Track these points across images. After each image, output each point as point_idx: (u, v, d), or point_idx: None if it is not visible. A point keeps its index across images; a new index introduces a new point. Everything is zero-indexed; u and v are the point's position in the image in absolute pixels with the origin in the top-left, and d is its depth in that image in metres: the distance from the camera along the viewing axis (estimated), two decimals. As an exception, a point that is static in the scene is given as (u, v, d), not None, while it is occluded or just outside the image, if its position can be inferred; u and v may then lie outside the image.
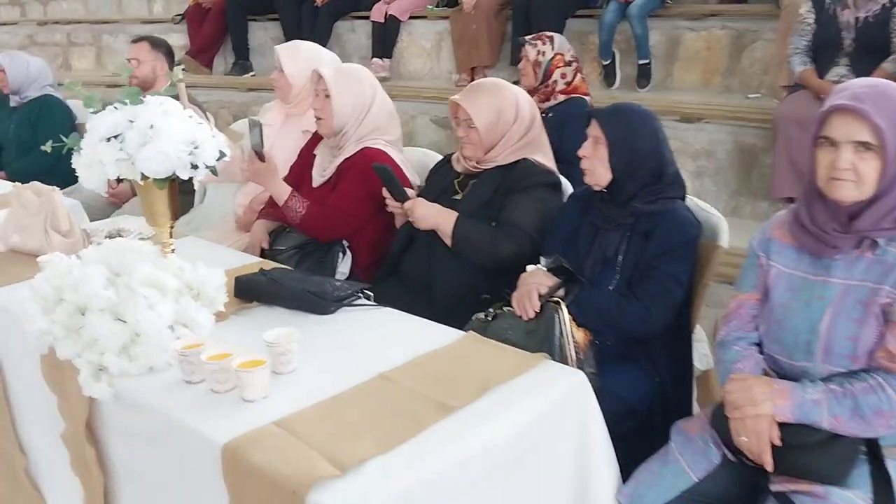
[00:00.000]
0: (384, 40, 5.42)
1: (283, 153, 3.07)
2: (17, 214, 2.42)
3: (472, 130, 2.32)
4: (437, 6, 5.48)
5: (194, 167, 1.73)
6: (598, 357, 1.89)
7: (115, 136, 1.68)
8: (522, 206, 2.25)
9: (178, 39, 6.48)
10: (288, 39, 5.75)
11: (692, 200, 2.09)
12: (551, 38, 3.29)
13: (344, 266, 2.61)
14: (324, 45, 5.68)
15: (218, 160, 1.78)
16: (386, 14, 5.35)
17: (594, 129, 1.96)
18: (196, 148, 1.73)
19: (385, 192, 2.37)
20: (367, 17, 5.56)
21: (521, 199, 2.26)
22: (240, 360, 1.52)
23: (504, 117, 2.33)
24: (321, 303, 1.90)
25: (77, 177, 4.10)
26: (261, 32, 5.99)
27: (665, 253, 1.91)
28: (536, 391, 1.52)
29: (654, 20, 4.35)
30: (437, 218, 2.27)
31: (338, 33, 5.66)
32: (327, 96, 2.60)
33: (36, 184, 2.46)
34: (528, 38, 3.33)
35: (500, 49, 5.03)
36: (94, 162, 1.69)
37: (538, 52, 3.23)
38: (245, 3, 5.86)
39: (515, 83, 4.99)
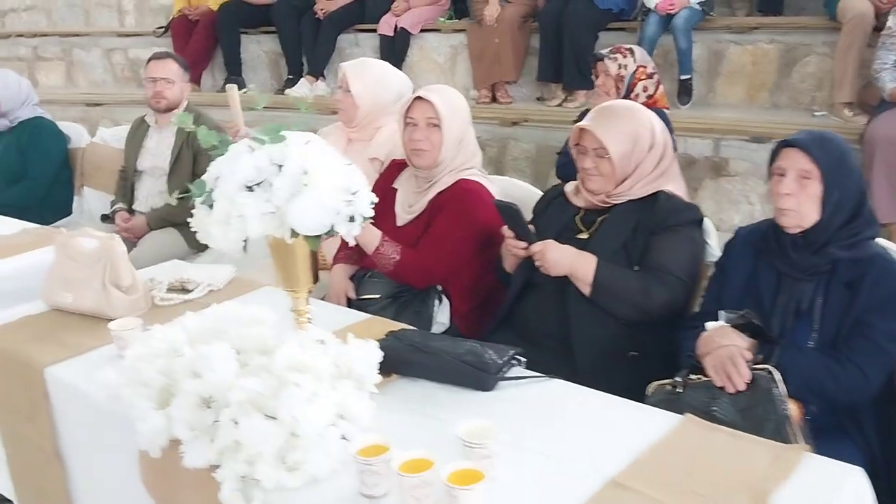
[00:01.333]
0: (393, 55, 5.09)
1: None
2: (66, 267, 2.03)
3: (604, 161, 2.02)
4: (448, 18, 5.18)
5: (351, 219, 1.39)
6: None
7: (258, 184, 1.33)
8: (672, 248, 1.97)
9: (160, 53, 6.04)
10: (287, 54, 5.41)
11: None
12: (631, 51, 3.04)
13: (442, 315, 2.28)
14: (326, 61, 5.37)
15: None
16: (396, 27, 5.03)
17: (798, 161, 1.69)
18: (354, 195, 1.39)
19: (506, 232, 2.06)
20: (373, 31, 5.23)
21: (669, 239, 1.97)
22: (449, 470, 1.19)
23: (640, 145, 2.04)
24: (481, 376, 1.58)
25: (71, 209, 3.65)
26: (253, 46, 5.60)
27: (879, 307, 1.65)
28: (819, 500, 1.23)
29: (695, 33, 4.13)
30: (573, 263, 1.96)
31: (340, 47, 5.32)
32: (435, 125, 2.27)
33: (88, 230, 2.07)
34: (604, 52, 3.07)
35: (523, 63, 4.76)
36: (230, 217, 1.33)
37: (620, 66, 2.97)
38: (238, 15, 5.46)
39: (539, 99, 4.79)
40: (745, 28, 4.14)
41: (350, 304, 2.32)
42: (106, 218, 3.52)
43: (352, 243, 1.42)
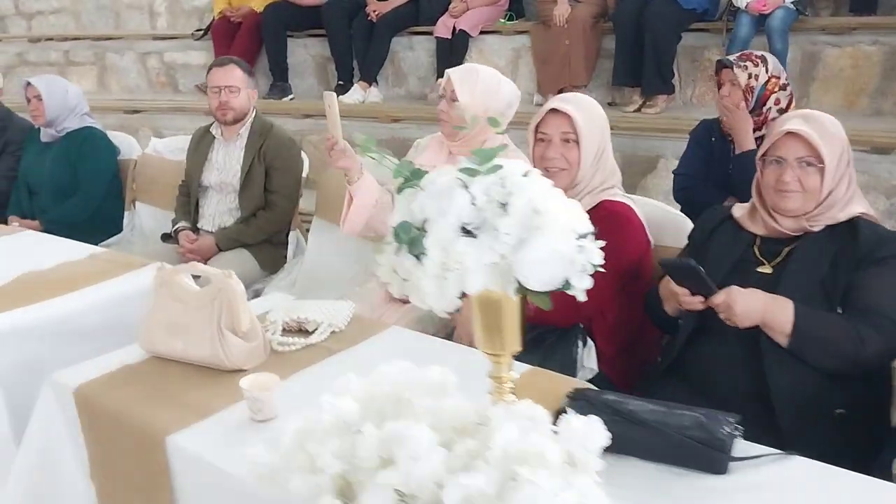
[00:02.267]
0: (450, 58, 4.81)
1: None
2: (170, 309, 1.75)
3: (811, 173, 1.73)
4: (509, 19, 4.90)
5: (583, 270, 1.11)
6: None
7: (478, 228, 1.05)
8: (884, 285, 1.68)
9: (199, 58, 5.78)
10: (337, 58, 5.13)
11: None
12: (763, 59, 2.70)
13: (589, 360, 2.00)
14: (380, 65, 5.09)
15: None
16: (454, 29, 4.75)
17: None
18: (583, 238, 1.11)
19: (678, 289, 1.77)
20: (427, 34, 4.95)
21: (880, 274, 1.69)
22: None
23: (844, 157, 1.77)
24: (714, 455, 1.30)
25: (121, 226, 3.33)
26: (300, 51, 5.33)
27: None
28: None
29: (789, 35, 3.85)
30: (765, 311, 1.67)
31: (393, 51, 5.04)
32: (572, 141, 2.00)
33: (197, 265, 1.79)
34: (731, 58, 2.76)
35: (594, 66, 4.47)
36: (447, 269, 1.05)
37: (750, 76, 2.66)
38: (285, 17, 5.18)
39: (611, 104, 4.50)
40: (843, 29, 3.85)
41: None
42: (168, 237, 3.24)
43: (582, 299, 1.13)
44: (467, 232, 1.05)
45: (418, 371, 1.31)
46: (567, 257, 1.06)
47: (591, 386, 1.59)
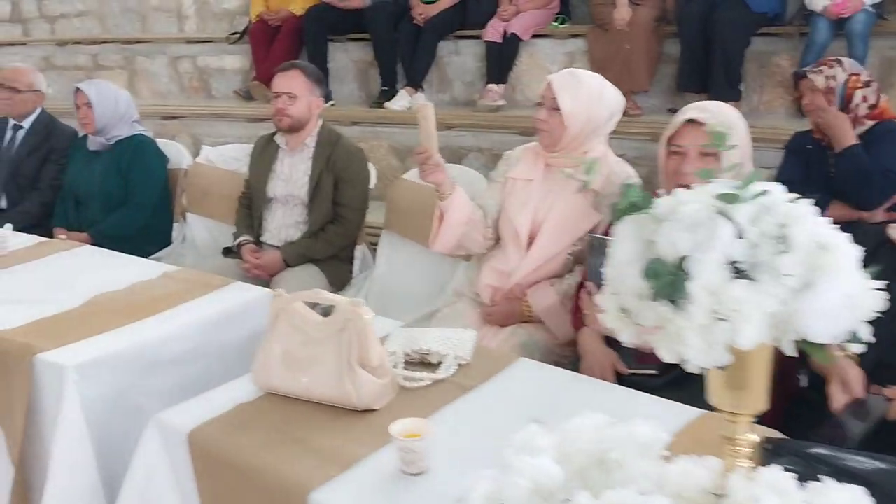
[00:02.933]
0: (501, 63, 4.65)
1: (559, 222, 2.29)
2: (290, 340, 1.58)
3: None
4: (561, 23, 4.73)
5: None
6: None
7: (752, 267, 0.88)
8: None
9: (233, 62, 5.62)
10: (382, 63, 4.96)
11: None
12: (838, 61, 2.62)
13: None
14: (426, 69, 4.92)
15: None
16: (505, 33, 4.58)
17: None
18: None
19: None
20: (475, 37, 4.78)
21: None
22: None
23: None
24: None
25: (170, 238, 3.14)
26: (340, 55, 5.15)
27: None
28: None
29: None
30: None
31: (437, 55, 4.86)
32: (711, 155, 1.84)
33: (322, 293, 1.61)
34: (805, 69, 2.67)
35: (655, 71, 4.31)
36: (718, 318, 0.87)
37: (827, 79, 2.55)
38: (327, 21, 5.01)
39: (671, 111, 4.32)
40: (925, 33, 3.69)
41: (620, 380, 1.87)
42: (229, 252, 3.07)
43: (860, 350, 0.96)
44: (739, 272, 0.88)
45: (620, 426, 1.14)
46: (856, 303, 0.89)
47: (774, 431, 1.41)
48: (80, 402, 1.81)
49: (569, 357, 2.25)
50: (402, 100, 4.75)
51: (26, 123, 3.65)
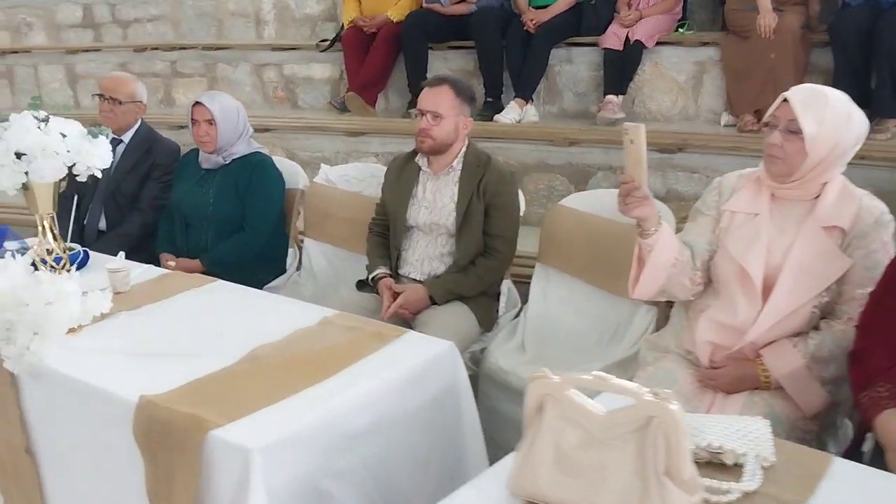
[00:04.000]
0: (622, 72, 4.29)
1: (801, 267, 1.92)
2: (562, 438, 1.23)
3: None
4: (687, 29, 4.36)
5: None
6: None
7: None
8: None
9: (322, 71, 5.32)
10: (487, 73, 4.62)
11: None
12: None
13: None
14: (538, 80, 4.56)
15: None
16: (627, 39, 4.21)
17: None
18: None
19: None
20: (590, 45, 4.43)
21: None
22: None
23: None
24: None
25: (284, 265, 3.01)
26: (439, 64, 4.82)
27: None
28: None
29: None
30: None
31: (549, 64, 4.50)
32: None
33: (605, 378, 1.25)
34: None
35: (802, 83, 3.90)
36: None
37: None
38: (427, 27, 4.68)
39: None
40: None
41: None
42: (363, 285, 2.74)
43: None
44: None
45: None
46: None
47: None
48: (266, 490, 1.48)
49: (813, 432, 1.89)
50: (512, 112, 4.40)
51: (126, 137, 3.35)
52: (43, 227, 2.16)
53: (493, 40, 4.52)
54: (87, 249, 2.64)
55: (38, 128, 2.00)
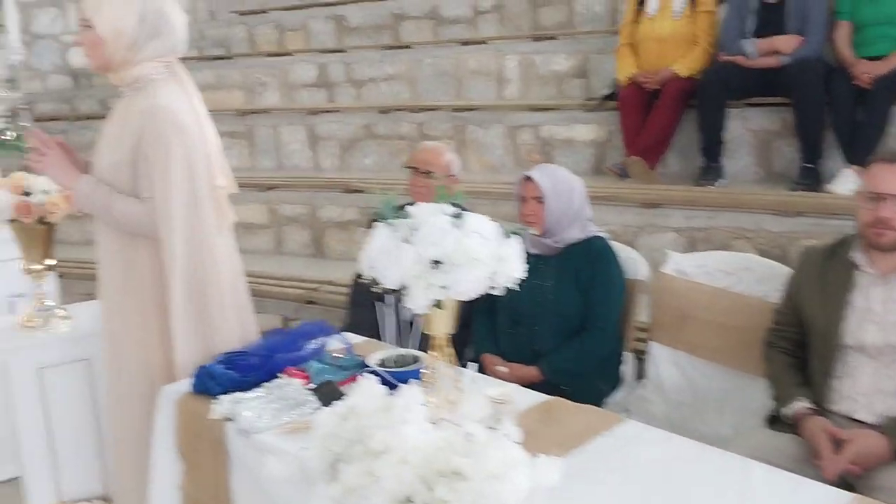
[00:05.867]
0: None
1: None
2: None
3: None
4: None
5: None
6: None
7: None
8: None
9: (585, 133, 4.81)
10: (805, 135, 3.91)
11: None
12: None
13: None
14: (876, 142, 3.84)
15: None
16: None
17: None
18: None
19: None
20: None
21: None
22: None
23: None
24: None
25: (618, 373, 2.05)
26: (737, 124, 4.19)
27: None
28: None
29: None
30: None
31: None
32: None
33: None
34: None
35: None
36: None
37: None
38: (729, 83, 4.06)
39: None
40: None
41: None
42: (775, 421, 2.11)
43: None
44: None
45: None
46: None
47: None
48: None
49: None
50: (847, 181, 3.68)
51: (429, 214, 2.93)
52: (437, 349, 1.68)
53: (816, 96, 3.84)
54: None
55: (453, 227, 1.54)
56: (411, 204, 1.66)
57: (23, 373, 2.59)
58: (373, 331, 2.82)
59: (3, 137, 3.22)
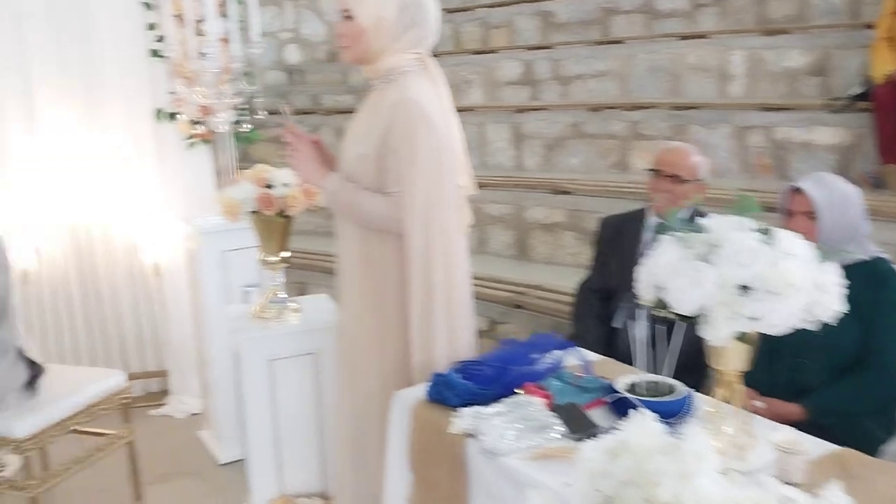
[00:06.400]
0: None
1: None
2: None
3: None
4: None
5: None
6: None
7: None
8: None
9: (829, 136, 4.34)
10: None
11: None
12: None
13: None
14: None
15: None
16: None
17: None
18: None
19: None
20: None
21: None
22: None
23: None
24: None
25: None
26: None
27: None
28: None
29: None
30: None
31: None
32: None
33: None
34: None
35: None
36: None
37: None
38: None
39: None
40: None
41: None
42: None
43: None
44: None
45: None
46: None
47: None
48: None
49: None
50: None
51: (668, 222, 2.68)
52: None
53: None
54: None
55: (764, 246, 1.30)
56: (702, 215, 1.44)
57: (254, 363, 2.62)
58: (599, 347, 2.61)
59: (239, 130, 3.31)
